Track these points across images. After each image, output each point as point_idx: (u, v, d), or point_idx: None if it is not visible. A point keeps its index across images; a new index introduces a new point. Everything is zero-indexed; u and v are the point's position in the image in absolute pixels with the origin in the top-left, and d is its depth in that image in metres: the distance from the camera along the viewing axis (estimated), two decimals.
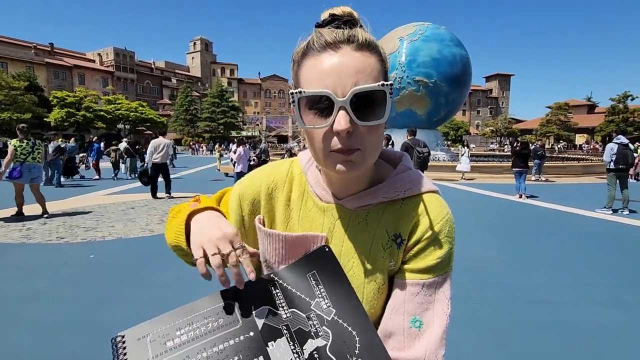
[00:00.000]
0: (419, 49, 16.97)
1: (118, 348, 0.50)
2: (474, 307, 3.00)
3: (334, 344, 0.51)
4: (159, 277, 3.59)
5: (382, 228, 0.61)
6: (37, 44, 55.73)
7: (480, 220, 6.58)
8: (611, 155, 7.13)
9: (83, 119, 37.31)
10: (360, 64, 0.50)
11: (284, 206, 0.66)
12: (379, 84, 0.49)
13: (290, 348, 0.50)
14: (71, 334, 2.57)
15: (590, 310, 3.00)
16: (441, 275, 0.60)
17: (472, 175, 13.82)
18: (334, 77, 0.49)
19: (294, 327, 0.52)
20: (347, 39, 0.51)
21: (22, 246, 4.72)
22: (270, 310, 0.53)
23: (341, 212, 0.62)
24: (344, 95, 0.49)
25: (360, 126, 0.50)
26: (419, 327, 0.57)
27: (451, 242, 0.60)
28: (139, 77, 66.08)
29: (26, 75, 37.40)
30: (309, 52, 0.53)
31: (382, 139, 0.56)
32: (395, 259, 0.60)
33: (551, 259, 4.41)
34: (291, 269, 0.57)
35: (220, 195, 0.73)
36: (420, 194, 0.61)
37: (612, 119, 42.68)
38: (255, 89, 78.04)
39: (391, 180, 0.62)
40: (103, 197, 8.83)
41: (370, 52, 0.52)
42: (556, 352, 2.39)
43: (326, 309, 0.53)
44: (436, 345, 0.56)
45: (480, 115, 79.35)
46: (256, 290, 0.54)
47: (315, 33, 0.53)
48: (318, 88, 0.50)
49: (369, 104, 0.50)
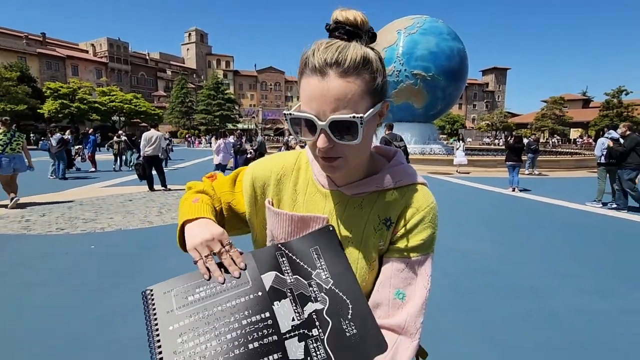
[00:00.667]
0: (417, 42, 16.95)
1: (148, 299, 0.59)
2: (465, 296, 3.14)
3: (330, 308, 0.60)
4: (160, 267, 3.69)
5: (374, 213, 0.70)
6: (29, 33, 54.71)
7: (474, 213, 6.73)
8: (602, 150, 7.28)
9: (77, 110, 36.90)
10: (341, 92, 0.56)
11: (291, 191, 0.75)
12: (351, 116, 0.56)
13: (293, 308, 0.59)
14: (76, 319, 2.67)
15: (576, 298, 3.14)
16: (424, 255, 0.69)
17: (467, 169, 13.98)
18: (317, 102, 0.57)
19: (297, 291, 0.60)
20: (334, 62, 0.56)
21: (22, 237, 4.78)
22: (277, 275, 0.61)
23: (340, 197, 0.71)
24: (325, 118, 0.57)
25: (338, 143, 0.59)
26: (402, 298, 0.67)
27: (434, 227, 0.70)
28: (133, 68, 65.22)
29: (18, 65, 36.81)
30: (305, 71, 0.60)
31: (365, 148, 0.64)
32: (385, 240, 0.70)
33: (541, 250, 4.56)
34: (297, 242, 0.65)
35: (235, 175, 0.82)
36: (409, 185, 0.71)
37: (606, 114, 43.06)
38: (251, 81, 77.44)
39: (385, 172, 0.70)
40: (100, 190, 8.86)
41: (356, 76, 0.57)
42: (543, 338, 2.53)
43: (325, 279, 0.62)
44: (416, 314, 0.66)
45: (476, 109, 79.51)
46: (266, 257, 0.63)
47: (311, 52, 0.59)
48: (306, 110, 0.59)
49: (345, 129, 0.58)
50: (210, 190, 0.80)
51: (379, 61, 0.61)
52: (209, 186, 0.81)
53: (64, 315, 2.74)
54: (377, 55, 0.61)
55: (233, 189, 0.80)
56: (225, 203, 0.79)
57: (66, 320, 2.66)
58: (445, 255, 4.02)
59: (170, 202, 7.35)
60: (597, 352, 2.34)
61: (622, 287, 3.38)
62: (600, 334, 2.57)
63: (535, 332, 2.57)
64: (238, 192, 0.80)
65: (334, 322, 0.59)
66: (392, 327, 0.66)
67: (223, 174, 0.84)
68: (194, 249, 0.62)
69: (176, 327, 0.56)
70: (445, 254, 4.10)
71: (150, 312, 0.58)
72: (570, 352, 2.34)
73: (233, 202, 0.79)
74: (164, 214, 6.24)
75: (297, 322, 0.58)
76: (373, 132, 0.65)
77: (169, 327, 0.56)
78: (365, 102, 0.58)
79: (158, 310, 0.58)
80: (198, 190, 0.79)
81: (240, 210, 0.79)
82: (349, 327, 0.59)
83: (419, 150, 17.29)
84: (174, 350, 0.53)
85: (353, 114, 0.56)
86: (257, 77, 77.33)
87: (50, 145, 10.54)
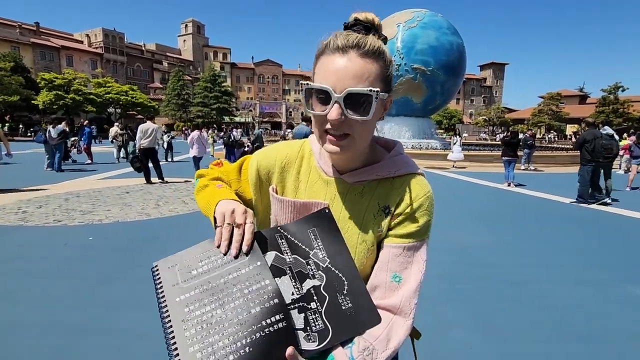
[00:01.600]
0: (417, 36, 16.83)
1: (154, 275, 0.64)
2: (459, 286, 3.20)
3: (327, 285, 0.64)
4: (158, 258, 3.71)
5: (374, 200, 0.74)
6: (22, 22, 53.85)
7: (469, 207, 6.80)
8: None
9: (72, 102, 36.50)
10: (360, 70, 0.62)
11: (294, 178, 0.79)
12: (368, 90, 0.62)
13: (292, 284, 0.63)
14: (76, 309, 2.70)
15: (570, 290, 3.22)
16: (420, 241, 0.73)
17: (463, 164, 14.05)
18: (336, 77, 0.62)
19: (296, 269, 0.65)
20: (355, 44, 0.63)
21: (20, 229, 4.78)
22: (277, 254, 0.66)
23: (341, 185, 0.75)
24: (340, 92, 0.62)
25: (349, 117, 0.63)
26: (398, 281, 0.71)
27: (430, 215, 0.73)
28: (129, 59, 64.48)
29: (12, 55, 36.27)
30: (325, 51, 0.66)
31: (371, 130, 0.69)
32: (383, 227, 0.73)
33: (534, 243, 4.64)
34: (295, 225, 0.70)
35: (241, 162, 0.86)
36: (408, 174, 0.74)
37: (602, 110, 43.26)
38: (249, 74, 76.83)
39: (385, 162, 0.75)
40: (97, 182, 8.84)
41: (373, 59, 0.64)
42: (537, 328, 2.60)
43: (322, 258, 0.67)
44: (410, 296, 0.70)
45: (473, 104, 79.54)
46: (266, 238, 0.67)
47: (332, 36, 0.66)
48: (323, 83, 0.63)
49: (359, 103, 0.62)
50: (224, 177, 0.84)
51: (389, 55, 0.68)
52: (221, 173, 0.85)
53: (63, 306, 2.77)
54: (387, 51, 0.68)
55: (239, 176, 0.84)
56: (234, 189, 0.83)
57: (64, 311, 2.69)
58: (440, 248, 4.09)
59: (168, 194, 7.36)
60: (590, 342, 2.41)
61: (613, 278, 3.47)
62: (593, 324, 2.64)
63: (528, 323, 2.64)
64: (244, 179, 0.83)
65: (331, 296, 0.64)
66: (388, 307, 0.69)
67: (227, 162, 0.89)
68: (221, 213, 0.66)
69: (182, 298, 0.60)
70: (441, 246, 4.16)
71: (157, 286, 0.62)
72: (563, 342, 2.41)
73: (240, 189, 0.83)
74: (162, 206, 6.25)
75: (296, 296, 0.63)
76: (376, 120, 0.70)
77: (176, 298, 0.60)
78: (378, 87, 0.64)
79: (164, 283, 0.62)
80: (213, 177, 0.83)
81: (247, 197, 0.83)
82: (345, 301, 0.64)
83: (416, 145, 17.33)
84: (182, 319, 0.58)
85: (369, 88, 0.61)
86: (255, 70, 76.70)
87: (50, 137, 10.34)
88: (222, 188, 0.77)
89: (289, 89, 79.11)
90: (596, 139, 6.87)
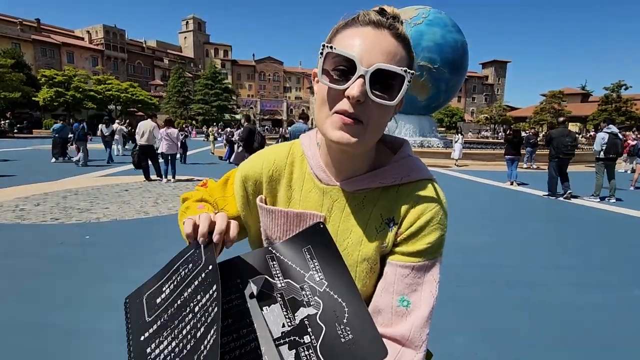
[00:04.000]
0: (423, 33, 16.63)
1: (125, 311, 0.56)
2: (461, 288, 3.13)
3: (324, 313, 0.55)
4: (156, 257, 3.65)
5: (377, 211, 0.64)
6: (23, 19, 53.72)
7: (471, 206, 6.72)
8: (602, 145, 7.27)
9: (72, 99, 36.46)
10: (393, 48, 0.55)
11: (286, 187, 0.70)
12: (402, 69, 0.54)
13: (283, 314, 0.55)
14: (72, 307, 2.64)
15: (568, 290, 3.15)
16: (431, 259, 0.62)
17: (465, 162, 13.97)
18: (365, 48, 0.54)
19: (288, 296, 0.56)
20: (389, 25, 0.56)
21: (16, 226, 4.72)
22: (267, 279, 0.57)
23: (339, 194, 0.65)
24: (368, 66, 0.53)
25: (370, 99, 0.54)
26: (406, 306, 0.61)
27: (443, 229, 0.63)
28: (129, 56, 64.35)
29: (12, 52, 36.19)
30: (352, 24, 0.57)
31: (386, 122, 0.59)
32: (387, 242, 0.63)
33: (537, 243, 4.56)
34: (288, 244, 0.61)
35: (226, 178, 0.78)
36: (416, 181, 0.64)
37: (605, 108, 43.03)
38: (250, 71, 76.69)
39: (389, 167, 0.64)
40: (97, 179, 8.78)
41: (403, 44, 0.57)
42: (540, 331, 2.53)
43: (319, 281, 0.57)
44: (422, 325, 0.60)
45: (475, 102, 79.30)
46: (254, 261, 0.58)
47: (362, 11, 0.58)
48: (350, 52, 0.53)
49: (386, 84, 0.54)
50: (208, 197, 0.77)
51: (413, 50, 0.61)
52: (206, 194, 0.78)
53: (57, 305, 2.71)
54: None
55: (225, 193, 0.76)
56: (220, 208, 0.75)
57: (59, 310, 2.63)
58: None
59: (167, 192, 7.30)
60: (596, 346, 2.34)
61: (620, 281, 3.39)
62: (598, 327, 2.57)
63: (534, 328, 2.57)
64: (229, 195, 0.75)
65: (329, 327, 0.55)
66: (395, 337, 0.60)
67: (213, 180, 0.81)
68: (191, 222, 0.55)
69: (146, 336, 0.51)
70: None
71: (127, 325, 0.54)
72: (571, 348, 2.34)
73: (226, 207, 0.75)
74: (160, 204, 6.19)
75: (287, 329, 0.54)
76: (389, 117, 0.61)
77: (140, 337, 0.52)
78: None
79: (132, 321, 0.54)
80: (197, 200, 0.76)
81: (235, 215, 0.74)
82: (345, 332, 0.55)
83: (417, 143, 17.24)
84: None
85: (404, 67, 0.54)
86: (256, 67, 76.57)
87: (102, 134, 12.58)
88: (203, 209, 0.70)
89: (290, 87, 78.99)
90: (561, 137, 7.37)
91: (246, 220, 0.74)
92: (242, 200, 0.73)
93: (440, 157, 14.45)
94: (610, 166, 7.40)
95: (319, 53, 0.56)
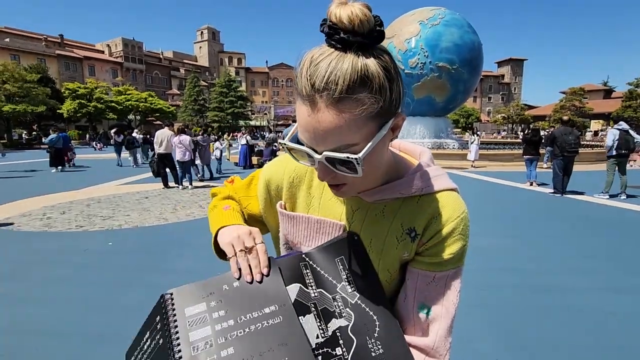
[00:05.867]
0: (441, 34, 16.46)
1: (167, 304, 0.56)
2: (481, 292, 3.07)
3: (355, 325, 0.55)
4: (177, 264, 3.74)
5: (397, 221, 0.63)
6: (48, 35, 56.25)
7: (490, 208, 6.58)
8: (613, 141, 7.25)
9: (94, 109, 37.79)
10: (333, 125, 0.48)
11: (305, 194, 0.71)
12: (345, 157, 0.49)
13: (317, 324, 0.54)
14: (98, 313, 2.74)
15: (596, 295, 3.04)
16: (453, 269, 0.63)
17: (482, 163, 13.69)
18: (310, 134, 0.50)
19: (321, 306, 0.56)
20: (323, 88, 0.47)
21: (44, 234, 4.93)
22: (301, 288, 0.57)
23: (359, 203, 0.65)
24: (320, 152, 0.51)
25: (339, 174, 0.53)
26: (427, 313, 0.62)
27: (465, 239, 0.62)
28: (147, 67, 66.31)
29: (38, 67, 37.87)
30: (296, 93, 0.52)
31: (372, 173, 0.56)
32: (409, 251, 0.63)
33: (558, 245, 4.42)
34: (321, 252, 0.61)
35: (251, 178, 0.81)
36: (437, 192, 0.63)
37: (629, 104, 41.37)
38: (263, 78, 77.66)
39: (409, 177, 0.63)
40: (118, 187, 9.06)
41: (351, 102, 0.47)
42: (563, 337, 2.45)
43: (350, 292, 0.58)
44: (445, 334, 0.61)
45: (491, 102, 77.69)
46: (288, 267, 0.59)
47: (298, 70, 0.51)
48: (302, 136, 0.52)
49: (343, 162, 0.51)
50: (234, 194, 0.80)
51: (385, 74, 0.48)
52: (232, 191, 0.81)
53: (84, 310, 2.81)
54: (382, 64, 0.48)
55: (248, 192, 0.79)
56: (244, 207, 0.79)
57: (86, 315, 2.73)
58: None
59: (185, 199, 7.46)
60: (621, 352, 2.25)
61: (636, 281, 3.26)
62: (623, 332, 2.47)
63: (557, 335, 2.49)
64: (253, 195, 0.79)
65: (359, 340, 0.55)
66: (420, 347, 0.61)
67: (240, 178, 0.84)
68: (229, 244, 0.60)
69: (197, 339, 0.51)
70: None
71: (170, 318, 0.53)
72: (597, 357, 2.26)
73: (249, 206, 0.79)
74: (179, 210, 6.33)
75: (321, 340, 0.54)
76: (384, 151, 0.57)
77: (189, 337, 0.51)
78: (367, 129, 0.49)
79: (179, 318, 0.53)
80: (224, 197, 0.80)
81: (256, 214, 0.78)
82: (375, 346, 0.55)
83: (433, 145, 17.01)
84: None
85: (347, 154, 0.49)
86: (269, 74, 77.45)
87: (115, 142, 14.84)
88: (228, 210, 0.72)
89: None
90: (564, 135, 7.50)
91: (267, 220, 0.78)
92: (264, 202, 0.76)
93: (456, 158, 14.21)
94: (621, 163, 7.35)
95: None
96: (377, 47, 0.50)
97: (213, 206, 0.77)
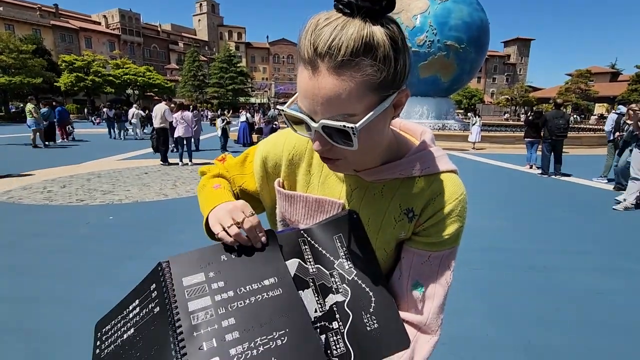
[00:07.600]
0: (450, 10, 15.66)
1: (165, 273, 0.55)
2: (475, 271, 3.15)
3: (352, 301, 0.57)
4: (177, 237, 3.80)
5: (395, 201, 0.63)
6: (42, 4, 54.51)
7: (488, 190, 6.62)
8: (612, 126, 7.30)
9: (92, 83, 37.16)
10: (333, 91, 0.46)
11: (305, 172, 0.70)
12: (341, 125, 0.48)
13: (315, 299, 0.56)
14: (99, 284, 2.81)
15: (586, 276, 3.12)
16: (448, 249, 0.64)
17: (483, 145, 13.64)
18: (309, 101, 0.49)
19: (319, 282, 0.57)
20: (326, 53, 0.46)
21: (45, 207, 4.98)
22: (300, 263, 0.58)
23: (359, 182, 0.65)
24: (317, 121, 0.50)
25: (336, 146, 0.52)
26: (420, 291, 0.63)
27: (462, 220, 0.63)
28: (145, 40, 64.69)
29: (33, 38, 36.89)
30: (299, 58, 0.50)
31: (370, 148, 0.55)
32: (406, 231, 0.64)
33: (554, 227, 4.49)
34: (320, 229, 0.62)
35: (245, 155, 0.79)
36: (437, 173, 0.63)
37: (635, 88, 40.73)
38: (264, 54, 75.93)
39: (410, 158, 0.62)
40: (118, 162, 9.06)
41: (353, 69, 0.46)
42: (554, 316, 2.54)
43: (348, 269, 0.59)
44: (437, 311, 0.64)
45: (495, 83, 76.37)
46: (287, 242, 0.59)
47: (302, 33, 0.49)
48: (300, 106, 0.52)
49: (340, 132, 0.49)
50: (226, 172, 0.78)
51: (391, 44, 0.47)
52: (223, 169, 0.79)
53: (86, 280, 2.89)
54: (389, 34, 0.47)
55: (243, 170, 0.77)
56: (238, 186, 0.77)
57: (87, 285, 2.81)
58: None
59: (185, 175, 7.48)
60: (614, 335, 2.34)
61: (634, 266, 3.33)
62: (616, 315, 2.56)
63: (547, 312, 2.58)
64: (248, 173, 0.77)
65: (355, 315, 0.56)
66: (413, 323, 0.64)
67: (232, 155, 0.83)
68: (217, 223, 0.58)
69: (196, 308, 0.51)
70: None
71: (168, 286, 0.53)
72: (585, 334, 2.35)
73: (244, 184, 0.77)
74: (179, 186, 6.37)
75: (319, 314, 0.55)
76: (385, 128, 0.55)
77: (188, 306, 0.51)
78: (367, 100, 0.48)
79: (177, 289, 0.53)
80: (214, 175, 0.77)
81: (252, 191, 0.77)
82: (370, 321, 0.57)
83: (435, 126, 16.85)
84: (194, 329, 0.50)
85: (344, 122, 0.48)
86: (270, 50, 75.67)
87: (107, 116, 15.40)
88: (218, 189, 0.70)
89: None
90: (555, 119, 7.71)
91: (263, 197, 0.77)
92: (261, 180, 0.74)
93: (457, 140, 14.13)
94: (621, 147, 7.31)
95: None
96: (386, 17, 0.48)
97: (202, 185, 0.75)
